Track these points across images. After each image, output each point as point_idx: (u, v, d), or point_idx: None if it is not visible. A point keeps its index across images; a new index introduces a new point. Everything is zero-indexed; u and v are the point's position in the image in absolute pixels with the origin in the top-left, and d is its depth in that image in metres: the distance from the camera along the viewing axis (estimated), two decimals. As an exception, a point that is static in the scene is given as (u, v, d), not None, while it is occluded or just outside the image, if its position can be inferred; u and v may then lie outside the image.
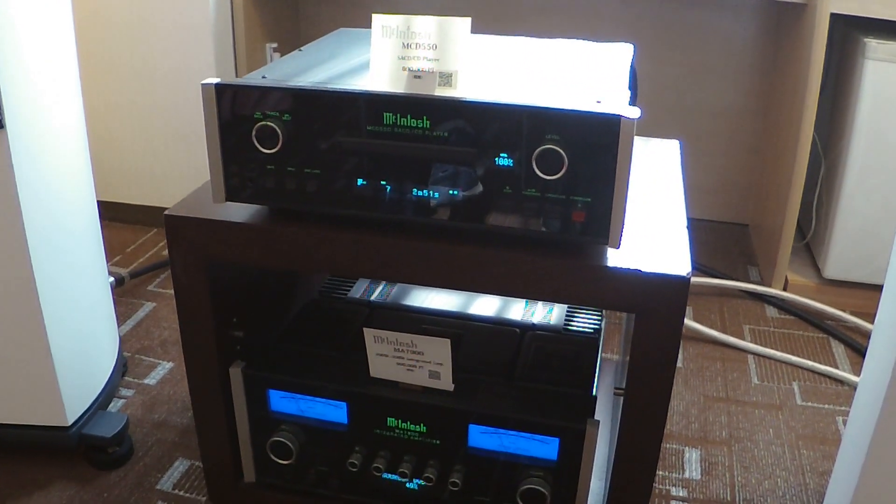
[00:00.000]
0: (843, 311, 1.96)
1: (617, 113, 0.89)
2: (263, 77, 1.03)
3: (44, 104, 1.24)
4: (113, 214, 2.34)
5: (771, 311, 1.99)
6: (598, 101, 0.94)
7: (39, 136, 1.23)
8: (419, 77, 0.97)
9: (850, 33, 1.96)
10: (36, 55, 1.21)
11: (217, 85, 0.99)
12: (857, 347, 1.82)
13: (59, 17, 1.28)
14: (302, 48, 1.23)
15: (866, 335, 1.88)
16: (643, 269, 0.96)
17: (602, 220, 0.94)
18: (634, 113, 0.89)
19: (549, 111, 0.91)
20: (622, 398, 1.06)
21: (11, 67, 1.14)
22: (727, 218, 2.51)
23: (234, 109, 0.99)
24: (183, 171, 2.22)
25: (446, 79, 0.96)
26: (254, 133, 0.99)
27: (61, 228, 1.31)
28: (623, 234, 0.94)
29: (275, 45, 2.26)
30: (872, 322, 1.90)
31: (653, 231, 1.06)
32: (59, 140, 1.29)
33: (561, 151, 0.91)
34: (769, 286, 2.05)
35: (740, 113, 2.38)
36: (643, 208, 1.14)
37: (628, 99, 0.99)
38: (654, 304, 0.97)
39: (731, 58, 2.32)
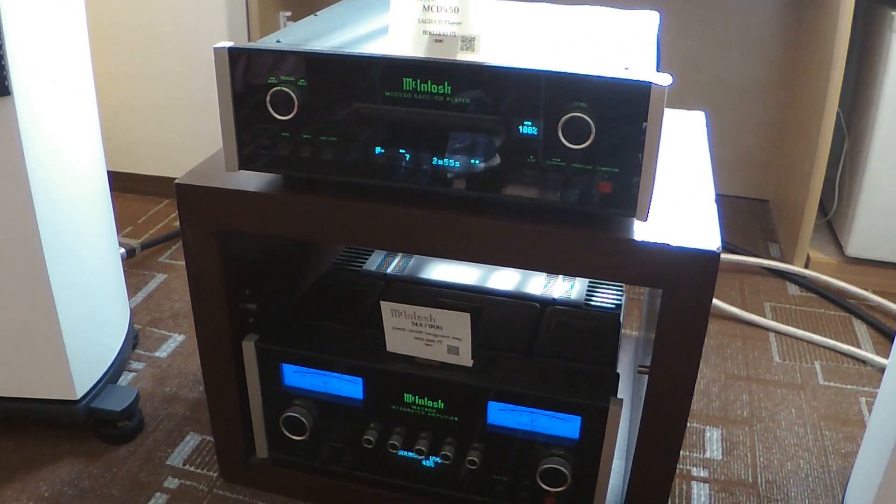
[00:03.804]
0: (866, 289, 1.93)
1: (647, 80, 0.86)
2: (278, 41, 0.99)
3: (52, 71, 1.21)
4: (124, 185, 2.32)
5: (792, 289, 1.95)
6: (627, 69, 0.91)
7: (47, 103, 1.20)
8: (440, 41, 0.93)
9: (876, 6, 1.91)
10: (44, 21, 1.17)
11: (230, 49, 0.96)
12: (880, 327, 1.78)
13: (68, -21, 1.25)
14: (317, 13, 1.19)
15: (889, 315, 1.85)
16: (671, 244, 0.92)
17: (629, 191, 0.90)
18: (665, 80, 0.86)
19: (577, 77, 0.87)
20: (646, 376, 1.03)
21: (19, 33, 1.11)
22: (747, 193, 2.47)
23: (247, 75, 0.96)
24: (196, 141, 2.20)
25: (468, 43, 0.92)
26: (268, 99, 0.96)
27: (70, 199, 1.28)
28: (651, 206, 0.91)
29: (288, 13, 2.23)
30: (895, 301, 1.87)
31: (680, 204, 1.03)
32: (67, 108, 1.26)
33: (588, 119, 0.87)
34: (791, 263, 2.01)
35: (762, 86, 2.33)
36: (670, 181, 1.10)
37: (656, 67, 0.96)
38: (682, 279, 0.93)
39: (754, 30, 2.27)
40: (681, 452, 1.39)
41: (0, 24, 1.07)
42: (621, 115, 0.87)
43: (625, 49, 1.04)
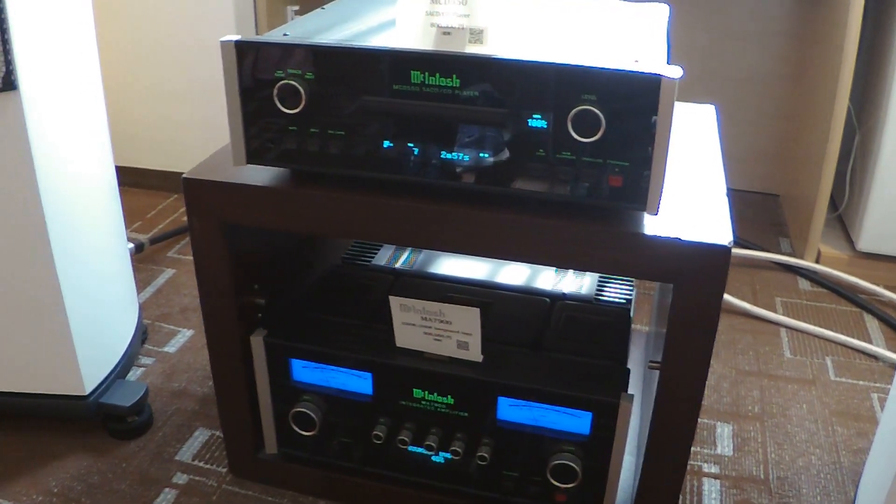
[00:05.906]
0: (877, 284, 1.91)
1: (658, 72, 0.85)
2: (285, 34, 0.99)
3: (59, 65, 1.20)
4: (133, 180, 2.32)
5: (803, 284, 1.94)
6: (636, 61, 0.90)
7: (54, 98, 1.19)
8: (448, 33, 0.92)
9: (889, -2, 1.90)
10: (50, 16, 1.17)
11: (237, 42, 0.95)
12: (892, 323, 1.77)
13: (76, -26, 1.24)
14: (325, 6, 1.19)
15: (902, 309, 1.84)
16: (682, 238, 0.92)
17: (640, 185, 0.89)
18: (676, 73, 0.85)
19: (586, 70, 0.86)
20: (657, 371, 1.02)
21: (25, 28, 1.11)
22: (757, 188, 2.45)
23: (254, 68, 0.96)
24: (204, 136, 2.19)
25: (477, 35, 0.91)
26: (275, 92, 0.95)
27: (79, 193, 1.28)
28: (662, 200, 0.90)
29: (296, 7, 2.22)
30: (910, 296, 1.85)
31: (691, 198, 1.02)
32: (75, 103, 1.26)
33: (598, 112, 0.87)
34: (801, 258, 2.00)
35: (772, 79, 2.31)
36: (680, 174, 1.09)
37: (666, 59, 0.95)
38: (693, 274, 0.92)
39: (765, 23, 2.25)
40: (692, 448, 1.39)
41: (6, 19, 1.06)
42: (631, 107, 0.86)
43: (634, 41, 1.03)
